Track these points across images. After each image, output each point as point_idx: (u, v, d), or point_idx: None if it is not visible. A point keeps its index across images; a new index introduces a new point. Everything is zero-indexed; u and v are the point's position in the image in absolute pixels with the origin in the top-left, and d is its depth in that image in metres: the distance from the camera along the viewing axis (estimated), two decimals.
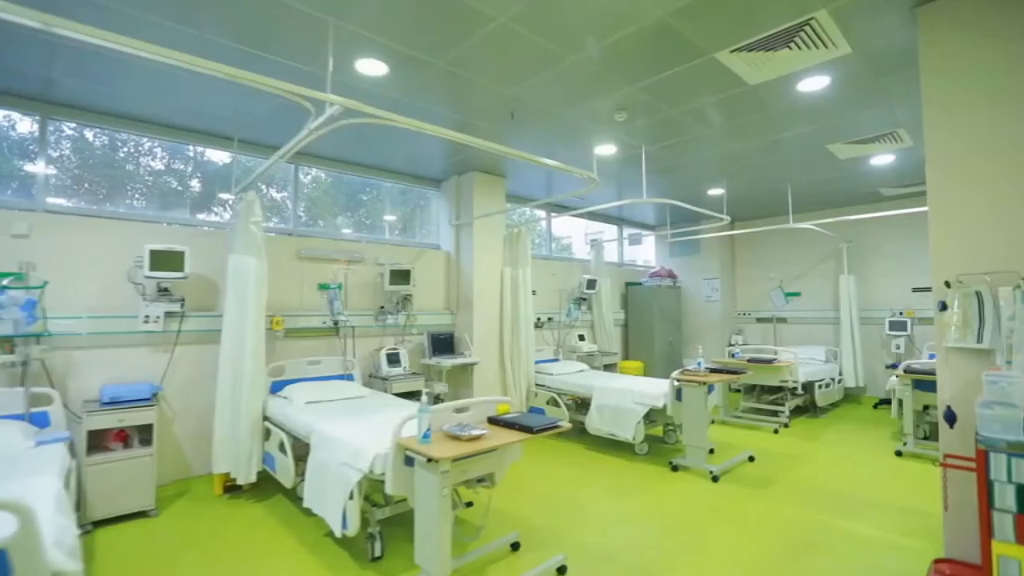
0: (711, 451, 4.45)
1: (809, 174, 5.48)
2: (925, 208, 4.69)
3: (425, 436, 2.26)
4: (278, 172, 4.71)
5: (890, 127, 4.13)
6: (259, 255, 3.65)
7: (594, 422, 4.65)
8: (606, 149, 4.63)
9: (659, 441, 4.91)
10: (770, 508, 3.35)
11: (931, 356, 5.98)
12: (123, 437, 3.30)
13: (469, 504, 3.18)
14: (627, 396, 4.45)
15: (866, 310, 6.85)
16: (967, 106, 2.34)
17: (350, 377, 4.43)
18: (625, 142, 4.43)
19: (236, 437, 3.50)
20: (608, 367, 6.65)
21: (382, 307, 4.94)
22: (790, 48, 2.89)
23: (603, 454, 4.57)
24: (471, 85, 3.33)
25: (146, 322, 3.56)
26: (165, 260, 3.49)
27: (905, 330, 6.38)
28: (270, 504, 3.48)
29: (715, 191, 6.21)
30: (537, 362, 5.74)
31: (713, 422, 5.70)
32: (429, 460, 2.15)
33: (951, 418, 2.25)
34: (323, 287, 4.53)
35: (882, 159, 4.95)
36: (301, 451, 3.19)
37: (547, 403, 5.16)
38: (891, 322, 6.49)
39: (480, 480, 2.73)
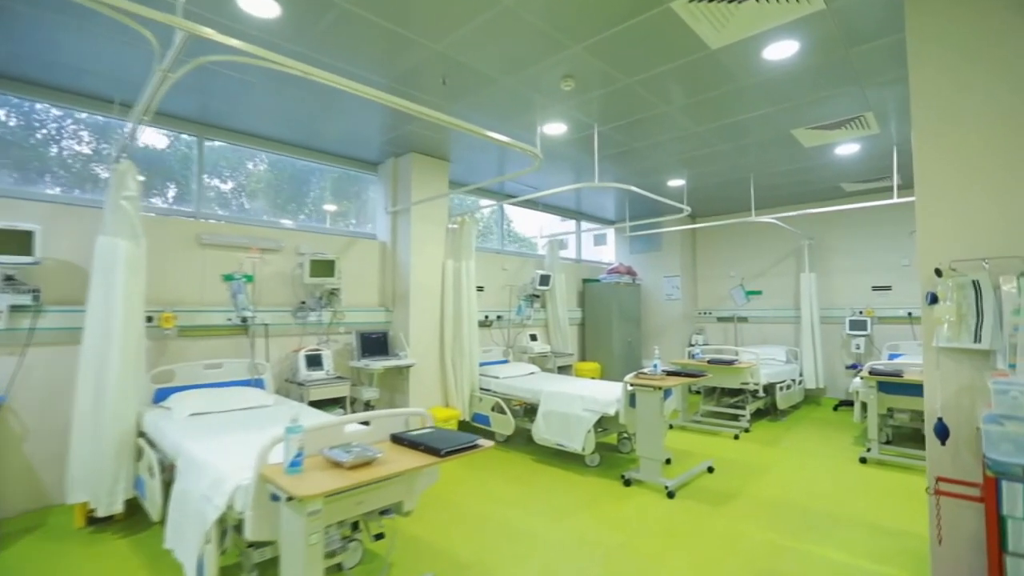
0: (667, 461, 4.05)
1: (772, 164, 5.18)
2: (890, 201, 4.56)
3: (294, 464, 1.72)
4: (221, 159, 4.11)
5: (858, 110, 3.82)
6: (133, 237, 3.02)
7: (540, 431, 4.19)
8: (555, 128, 4.17)
9: (613, 450, 4.49)
10: (730, 528, 2.95)
11: (891, 356, 5.79)
12: None
13: (379, 536, 2.64)
14: (576, 402, 4.01)
15: (826, 309, 6.65)
16: (960, 68, 1.98)
17: (259, 383, 3.82)
18: (576, 119, 3.98)
19: (98, 458, 2.86)
20: (563, 369, 6.21)
21: (303, 303, 4.33)
22: None
23: (550, 466, 4.11)
24: (388, 36, 2.80)
25: None
26: (6, 242, 2.82)
27: (865, 330, 6.19)
28: (141, 539, 2.86)
29: (675, 182, 5.85)
30: (483, 364, 5.24)
31: (671, 427, 5.34)
32: (290, 498, 1.62)
33: (943, 432, 1.86)
34: (227, 278, 3.90)
35: (847, 148, 4.68)
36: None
37: (492, 409, 4.67)
38: (851, 321, 6.30)
39: (384, 512, 2.22)
